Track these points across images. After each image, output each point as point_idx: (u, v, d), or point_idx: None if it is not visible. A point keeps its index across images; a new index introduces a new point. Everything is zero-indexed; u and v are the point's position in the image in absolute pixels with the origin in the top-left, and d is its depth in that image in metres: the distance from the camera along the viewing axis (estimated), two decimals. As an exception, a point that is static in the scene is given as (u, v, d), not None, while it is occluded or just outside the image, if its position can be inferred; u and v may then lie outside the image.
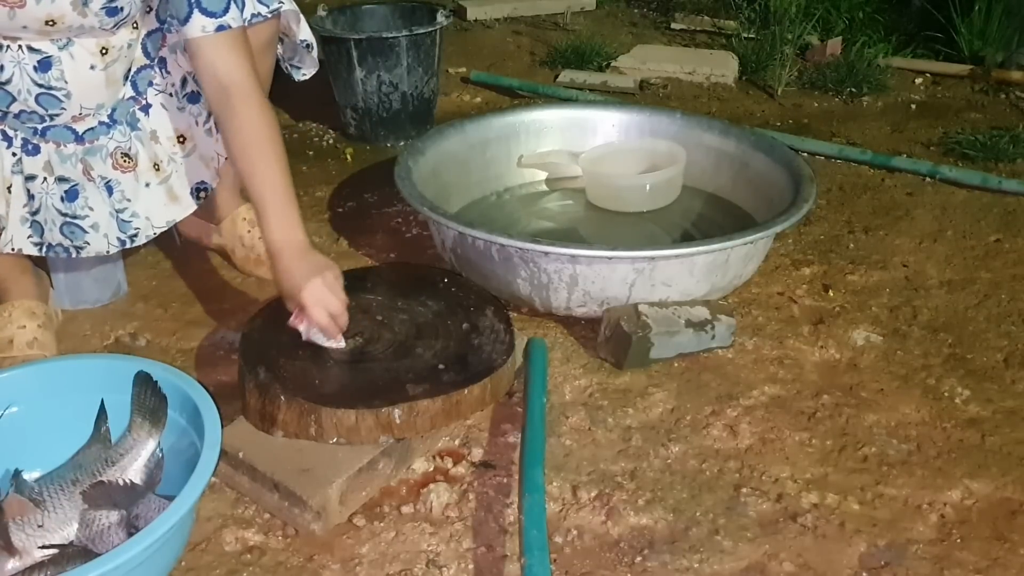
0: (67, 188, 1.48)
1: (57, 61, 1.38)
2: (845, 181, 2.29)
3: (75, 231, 1.50)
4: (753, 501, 1.29)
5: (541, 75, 3.04)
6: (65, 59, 1.38)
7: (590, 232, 2.04)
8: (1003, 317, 1.73)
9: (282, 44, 1.65)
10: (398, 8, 2.60)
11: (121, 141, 1.49)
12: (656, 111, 2.21)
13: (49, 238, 1.51)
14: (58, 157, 1.47)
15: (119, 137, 1.49)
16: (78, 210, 1.49)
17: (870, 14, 3.32)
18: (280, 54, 1.68)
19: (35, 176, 1.47)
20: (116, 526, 1.14)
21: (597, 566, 1.19)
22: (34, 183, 1.47)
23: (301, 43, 1.67)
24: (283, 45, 1.66)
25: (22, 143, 1.45)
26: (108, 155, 1.49)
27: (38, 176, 1.47)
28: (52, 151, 1.46)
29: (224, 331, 1.67)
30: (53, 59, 1.37)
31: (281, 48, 1.67)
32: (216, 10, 1.33)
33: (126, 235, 1.53)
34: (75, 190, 1.48)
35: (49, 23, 1.31)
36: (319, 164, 2.39)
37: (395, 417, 1.29)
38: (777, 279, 1.85)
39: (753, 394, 1.51)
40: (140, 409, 1.24)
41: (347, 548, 1.22)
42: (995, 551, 1.22)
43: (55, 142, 1.46)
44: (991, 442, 1.41)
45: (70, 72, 1.39)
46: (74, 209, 1.49)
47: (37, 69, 1.37)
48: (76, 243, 1.51)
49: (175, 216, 1.58)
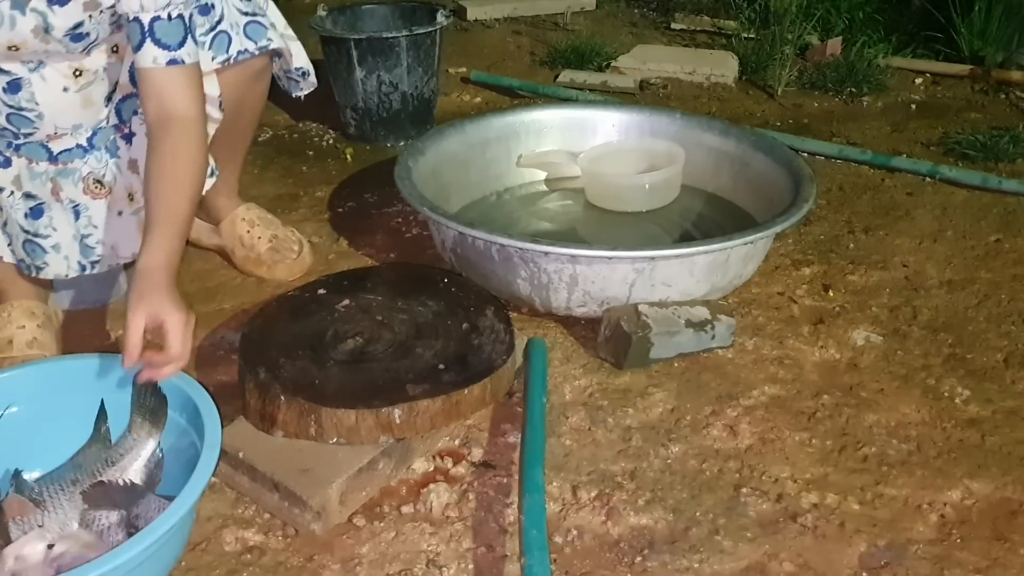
0: (32, 205, 1.45)
1: (27, 83, 1.34)
2: (845, 181, 2.29)
3: (36, 249, 1.47)
4: (753, 501, 1.29)
5: (541, 75, 3.04)
6: (36, 81, 1.34)
7: (590, 232, 2.04)
8: (1003, 317, 1.73)
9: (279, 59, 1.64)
10: (398, 8, 2.60)
11: (96, 167, 1.46)
12: (656, 111, 2.21)
13: (15, 249, 1.49)
14: (28, 173, 1.44)
15: (94, 163, 1.46)
16: (40, 228, 1.46)
17: (870, 14, 3.32)
18: (277, 71, 1.67)
19: (2, 188, 1.45)
20: (116, 526, 1.14)
21: (597, 566, 1.19)
22: (0, 195, 1.45)
23: (296, 71, 1.66)
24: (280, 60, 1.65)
25: None
26: (80, 179, 1.46)
27: (6, 188, 1.45)
28: (24, 166, 1.44)
29: (224, 331, 1.67)
30: (23, 81, 1.34)
31: (277, 64, 1.66)
32: (170, 43, 1.28)
33: (87, 260, 1.50)
34: (40, 208, 1.45)
35: (12, 48, 1.28)
36: (319, 164, 2.39)
37: (395, 417, 1.29)
38: (777, 279, 1.85)
39: (753, 394, 1.51)
40: (140, 409, 1.24)
41: (347, 548, 1.22)
42: (995, 551, 1.22)
43: (28, 158, 1.44)
44: (991, 442, 1.42)
45: (41, 94, 1.36)
46: (36, 227, 1.46)
47: (7, 90, 1.34)
48: (36, 262, 1.48)
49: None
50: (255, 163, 2.33)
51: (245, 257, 1.83)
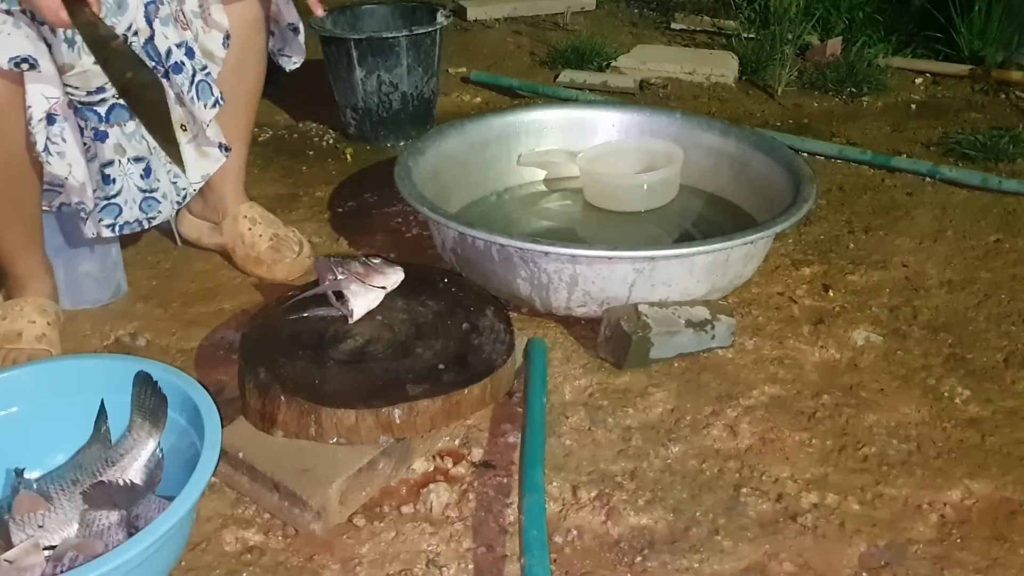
0: (143, 167, 1.55)
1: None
2: (845, 181, 2.29)
3: (151, 204, 1.58)
4: (753, 501, 1.29)
5: (541, 75, 3.04)
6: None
7: (590, 232, 2.04)
8: (1003, 317, 1.73)
9: (273, 37, 1.68)
10: (398, 8, 2.60)
11: None
12: (656, 111, 2.20)
13: (126, 216, 1.57)
14: (125, 138, 1.51)
15: None
16: (153, 184, 1.56)
17: (870, 14, 3.32)
18: (271, 48, 1.71)
19: (112, 161, 1.51)
20: (116, 526, 1.14)
21: (597, 566, 1.19)
22: (112, 167, 1.52)
23: (288, 26, 1.72)
24: (273, 38, 1.68)
25: (93, 133, 1.48)
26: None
27: (114, 160, 1.51)
28: (119, 133, 1.50)
29: (224, 331, 1.67)
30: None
31: (272, 41, 1.70)
32: None
33: (179, 196, 1.64)
34: (148, 167, 1.55)
35: None
36: (319, 164, 2.39)
37: (395, 417, 1.29)
38: (777, 279, 1.85)
39: (753, 394, 1.51)
40: (140, 409, 1.24)
41: (347, 548, 1.22)
42: (995, 551, 1.22)
43: (119, 124, 1.49)
44: (991, 442, 1.42)
45: None
46: (150, 184, 1.56)
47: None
48: (150, 214, 1.59)
49: (209, 170, 1.66)
50: (255, 163, 2.33)
51: (246, 256, 1.83)
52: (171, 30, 1.52)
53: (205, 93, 1.57)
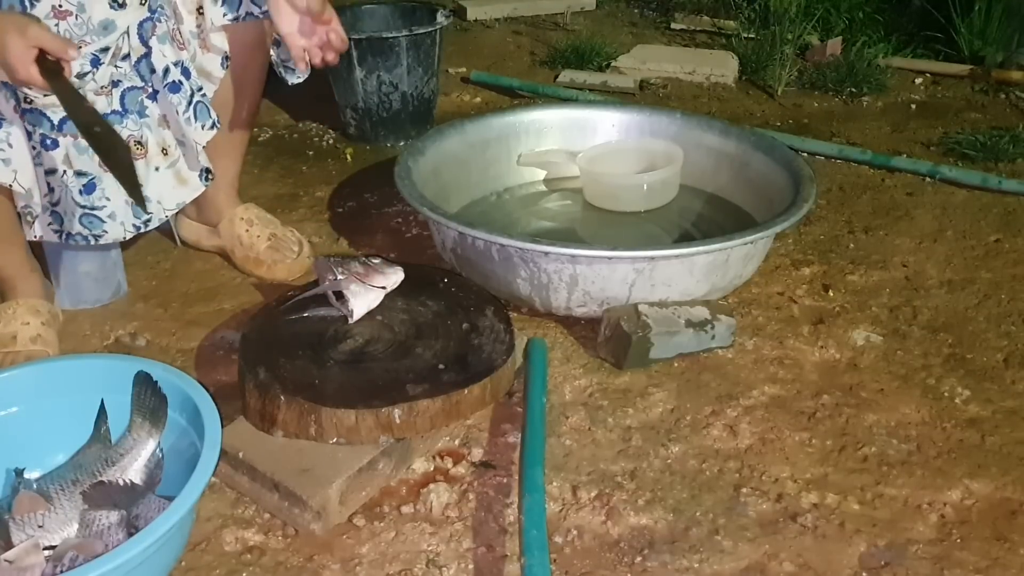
0: (85, 181, 1.52)
1: None
2: (845, 181, 2.29)
3: (93, 221, 1.55)
4: (753, 501, 1.29)
5: (541, 75, 3.04)
6: None
7: (590, 232, 2.04)
8: (1003, 317, 1.73)
9: (277, 48, 1.66)
10: (398, 8, 2.60)
11: (134, 130, 1.53)
12: (656, 111, 2.20)
13: (68, 227, 1.56)
14: (76, 150, 1.49)
15: (132, 126, 1.52)
16: (95, 201, 1.53)
17: (870, 14, 3.32)
18: (274, 58, 1.70)
19: (55, 170, 1.50)
20: (116, 526, 1.14)
21: (597, 566, 1.19)
22: (54, 176, 1.51)
23: None
24: (278, 48, 1.67)
25: (40, 138, 1.47)
26: None
27: (58, 169, 1.50)
28: (70, 144, 1.48)
29: (224, 331, 1.67)
30: None
31: (275, 52, 1.68)
32: None
33: (140, 221, 1.59)
34: (92, 183, 1.52)
35: None
36: (319, 164, 2.39)
37: (395, 417, 1.29)
38: (777, 279, 1.85)
39: (753, 394, 1.51)
40: (140, 409, 1.24)
41: (347, 548, 1.22)
42: (995, 551, 1.22)
43: (72, 135, 1.47)
44: (991, 442, 1.42)
45: None
46: (92, 201, 1.53)
47: None
48: (94, 232, 1.56)
49: (184, 198, 1.64)
50: (255, 163, 2.33)
51: (245, 257, 1.83)
52: (168, 48, 1.53)
53: (203, 115, 1.58)
